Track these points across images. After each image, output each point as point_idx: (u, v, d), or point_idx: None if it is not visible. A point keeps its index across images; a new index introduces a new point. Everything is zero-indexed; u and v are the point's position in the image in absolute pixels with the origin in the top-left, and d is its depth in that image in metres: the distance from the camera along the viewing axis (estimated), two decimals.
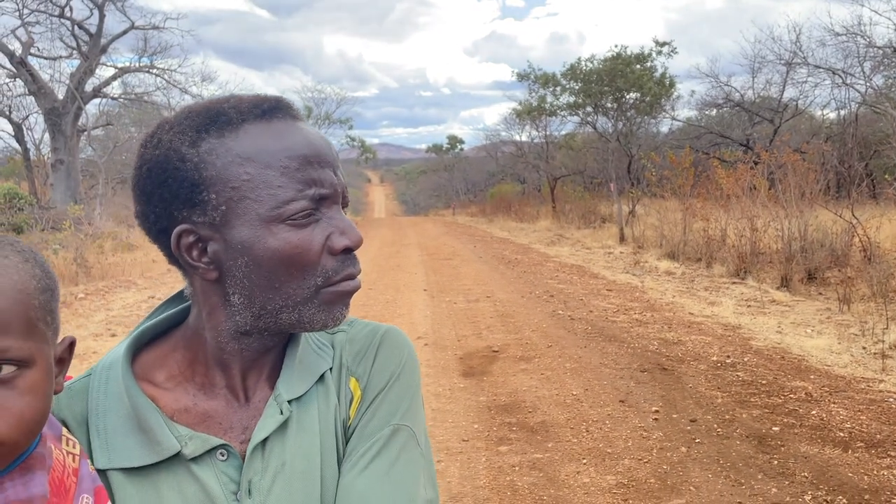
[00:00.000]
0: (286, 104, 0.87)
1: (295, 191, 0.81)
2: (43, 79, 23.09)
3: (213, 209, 0.81)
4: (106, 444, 0.82)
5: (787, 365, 6.06)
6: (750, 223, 11.48)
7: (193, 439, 0.83)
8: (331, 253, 0.83)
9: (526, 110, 30.26)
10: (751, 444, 4.35)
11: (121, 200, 23.13)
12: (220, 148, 0.81)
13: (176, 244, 0.83)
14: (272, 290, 0.82)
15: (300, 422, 0.87)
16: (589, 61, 26.00)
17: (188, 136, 0.82)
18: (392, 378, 0.93)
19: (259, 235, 0.81)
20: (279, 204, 0.80)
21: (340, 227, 0.84)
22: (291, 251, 0.81)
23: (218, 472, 0.83)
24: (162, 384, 0.87)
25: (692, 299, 9.37)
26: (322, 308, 0.85)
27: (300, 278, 0.82)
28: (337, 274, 0.84)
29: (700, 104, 27.62)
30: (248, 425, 0.87)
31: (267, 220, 0.80)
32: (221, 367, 0.88)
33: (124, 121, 30.88)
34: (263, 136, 0.82)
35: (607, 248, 15.97)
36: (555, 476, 4.02)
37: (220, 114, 0.83)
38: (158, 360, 0.90)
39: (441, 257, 15.47)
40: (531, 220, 25.67)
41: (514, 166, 40.46)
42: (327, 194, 0.83)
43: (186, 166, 0.81)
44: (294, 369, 0.90)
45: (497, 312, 8.74)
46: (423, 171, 66.47)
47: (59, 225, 15.98)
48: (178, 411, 0.86)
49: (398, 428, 0.89)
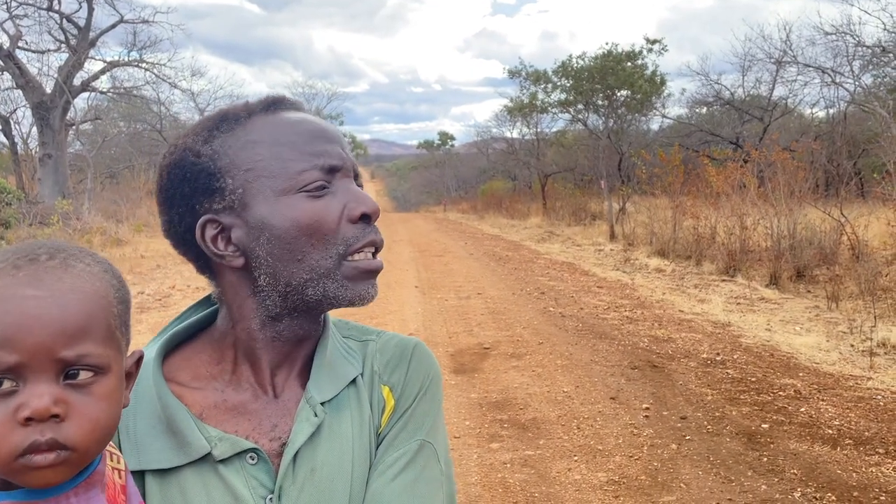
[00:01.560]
0: (290, 99, 0.92)
1: (305, 161, 0.84)
2: (31, 72, 22.87)
3: (231, 193, 0.84)
4: (136, 445, 0.82)
5: (776, 362, 6.10)
6: (739, 221, 11.54)
7: (223, 441, 0.82)
8: (350, 221, 0.85)
9: (517, 107, 30.29)
10: (740, 442, 4.38)
11: (109, 195, 22.99)
12: (232, 139, 0.86)
13: (201, 236, 0.85)
14: (295, 262, 0.84)
15: (331, 427, 0.87)
16: (580, 59, 26.08)
17: (201, 136, 0.87)
18: (421, 391, 0.94)
19: (276, 209, 0.83)
20: (292, 175, 0.83)
21: (356, 195, 0.86)
22: (309, 220, 0.83)
23: (247, 475, 0.82)
24: (188, 384, 0.88)
25: (682, 297, 9.40)
26: (345, 283, 0.85)
27: (321, 248, 0.84)
28: (358, 240, 0.85)
29: (690, 102, 27.74)
30: (277, 423, 0.87)
31: (282, 192, 0.83)
32: (250, 362, 0.89)
33: (113, 115, 30.68)
34: (270, 124, 0.87)
35: (598, 245, 16.01)
36: (546, 473, 4.03)
37: (229, 113, 0.88)
38: (185, 361, 0.91)
39: (432, 254, 15.47)
40: (522, 217, 25.70)
41: (505, 163, 40.46)
42: (338, 164, 0.86)
43: (202, 160, 0.86)
44: (323, 371, 0.90)
45: (488, 309, 8.74)
46: (414, 168, 66.41)
47: (47, 220, 15.86)
48: (207, 408, 0.86)
49: (423, 444, 0.90)
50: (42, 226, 15.56)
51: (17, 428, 0.62)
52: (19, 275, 0.66)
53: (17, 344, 0.63)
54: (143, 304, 9.39)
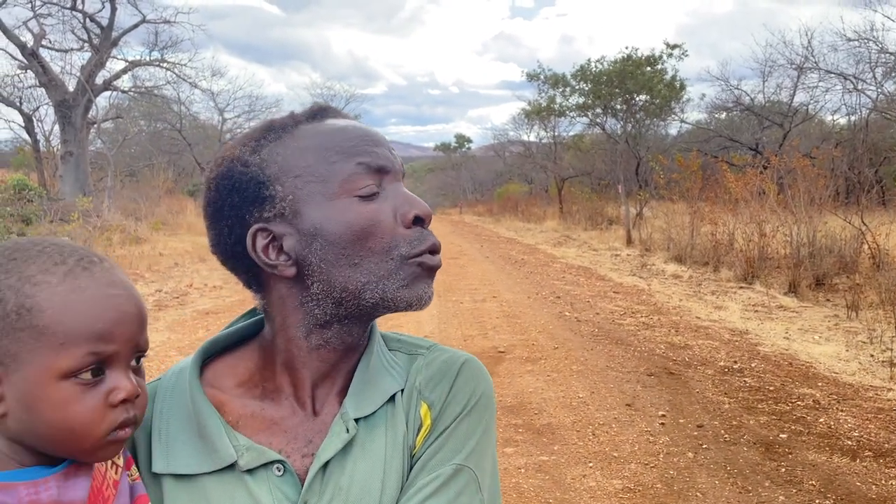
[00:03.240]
0: (333, 108, 0.92)
1: (355, 164, 0.83)
2: (54, 71, 23.15)
3: (281, 200, 0.83)
4: (166, 449, 0.83)
5: (794, 371, 6.03)
6: (758, 228, 11.44)
7: (250, 450, 0.81)
8: (404, 225, 0.84)
9: (535, 110, 30.23)
10: (758, 451, 4.34)
11: (129, 193, 23.18)
12: (279, 147, 0.85)
13: (252, 246, 0.84)
14: (351, 267, 0.82)
15: (364, 444, 0.84)
16: (599, 62, 25.95)
17: (249, 146, 0.87)
18: (464, 411, 0.88)
19: (328, 214, 0.82)
20: (342, 179, 0.82)
21: (408, 198, 0.85)
22: (364, 223, 0.82)
23: (272, 486, 0.81)
24: (230, 390, 0.88)
25: (699, 303, 9.34)
26: (405, 284, 0.84)
27: (379, 252, 0.83)
28: (420, 243, 0.84)
29: (710, 107, 27.54)
30: (312, 438, 0.85)
31: (333, 196, 0.82)
32: (291, 375, 0.87)
33: (134, 114, 30.97)
34: (316, 131, 0.86)
35: (614, 250, 15.94)
36: (561, 479, 4.01)
37: (275, 123, 0.88)
38: (229, 367, 0.90)
39: (448, 256, 15.47)
40: (538, 220, 25.65)
41: (521, 166, 40.41)
42: (387, 166, 0.85)
43: (250, 169, 0.85)
44: (364, 386, 0.87)
45: (503, 313, 8.73)
46: (430, 170, 66.43)
47: (68, 217, 16.02)
48: (244, 417, 0.86)
49: (460, 469, 0.83)
50: (62, 223, 15.73)
51: (109, 409, 0.71)
52: (95, 275, 0.73)
53: (116, 336, 0.71)
54: (161, 301, 9.46)
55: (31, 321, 0.68)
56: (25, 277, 0.70)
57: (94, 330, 0.70)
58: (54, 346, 0.68)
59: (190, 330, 7.73)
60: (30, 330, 0.68)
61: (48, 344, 0.68)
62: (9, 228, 11.52)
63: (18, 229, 13.03)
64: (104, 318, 0.71)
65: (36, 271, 0.70)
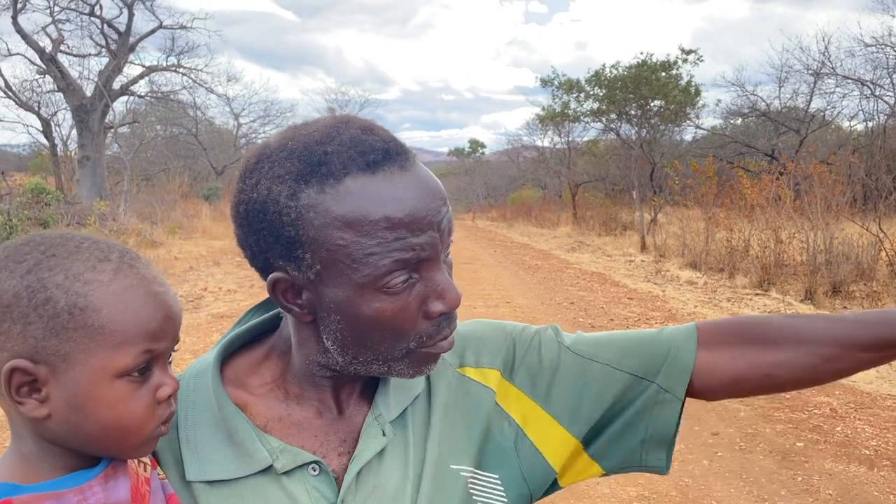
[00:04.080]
0: (395, 151, 0.79)
1: (391, 260, 0.75)
2: (72, 76, 23.40)
3: (308, 268, 0.77)
4: (197, 455, 0.82)
5: None
6: (774, 234, 11.35)
7: (285, 453, 0.82)
8: (426, 318, 0.80)
9: (549, 116, 30.20)
10: (774, 460, 4.29)
11: (145, 197, 23.38)
12: (320, 206, 0.75)
13: (271, 289, 0.80)
14: (364, 347, 0.80)
15: (394, 443, 0.86)
16: (613, 68, 25.91)
17: (287, 185, 0.76)
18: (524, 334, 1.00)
19: (353, 300, 0.77)
20: (374, 273, 0.76)
21: (438, 290, 0.79)
22: (386, 319, 0.78)
23: (309, 487, 0.81)
24: (255, 390, 0.87)
25: (714, 310, 9.27)
26: (413, 366, 0.83)
27: (393, 340, 0.80)
28: (432, 338, 0.81)
29: (725, 113, 27.44)
30: (345, 438, 0.86)
31: (361, 286, 0.76)
32: (312, 385, 0.87)
33: (150, 119, 31.25)
34: (363, 196, 0.75)
35: (628, 255, 15.88)
36: (574, 486, 3.97)
37: (321, 163, 0.76)
38: (252, 366, 0.89)
39: (461, 261, 15.46)
40: (552, 225, 25.60)
41: (535, 171, 40.39)
42: (427, 257, 0.78)
43: (283, 220, 0.76)
44: (390, 388, 0.88)
45: (516, 318, 8.70)
46: (444, 175, 66.50)
47: (85, 220, 16.18)
48: (272, 420, 0.85)
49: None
50: (80, 226, 15.88)
51: (156, 405, 0.73)
52: (140, 273, 0.73)
53: (166, 334, 0.73)
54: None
55: (85, 321, 0.67)
56: (73, 275, 0.68)
57: (149, 328, 0.70)
58: (111, 346, 0.68)
59: (205, 333, 7.77)
60: (84, 329, 0.67)
61: (104, 343, 0.68)
62: (27, 231, 11.63)
63: (36, 232, 13.16)
64: (156, 315, 0.71)
65: (83, 269, 0.69)
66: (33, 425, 0.69)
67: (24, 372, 0.67)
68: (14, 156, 42.09)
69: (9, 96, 23.30)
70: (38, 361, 0.67)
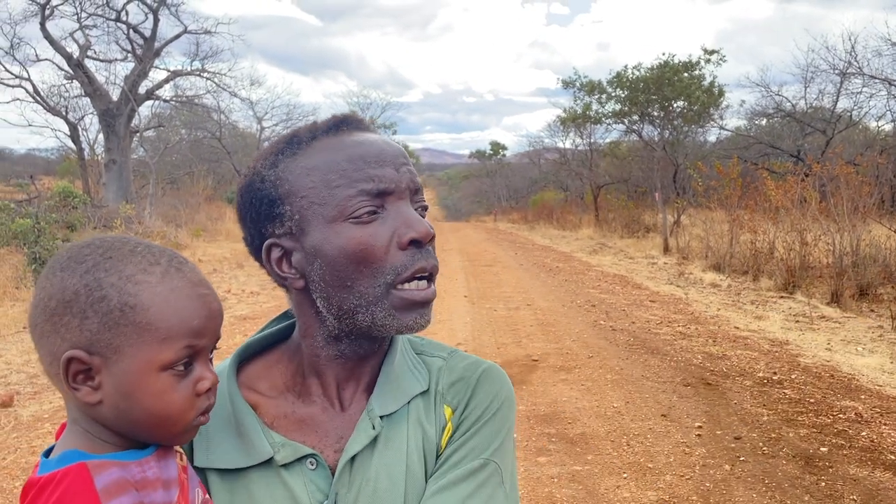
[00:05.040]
0: (354, 118, 0.92)
1: (353, 188, 0.84)
2: (98, 81, 23.76)
3: (289, 219, 0.87)
4: (206, 445, 0.89)
5: (836, 383, 5.89)
6: (799, 236, 11.21)
7: (285, 447, 0.87)
8: (399, 248, 0.85)
9: (570, 117, 30.07)
10: (797, 465, 4.24)
11: (170, 200, 23.64)
12: (292, 164, 0.88)
13: (266, 258, 0.90)
14: (345, 289, 0.85)
15: (389, 440, 0.90)
16: (636, 69, 25.74)
17: (269, 159, 0.91)
18: (487, 413, 0.93)
19: (327, 236, 0.85)
20: (340, 202, 0.84)
21: (407, 220, 0.85)
22: (356, 247, 0.84)
23: (306, 480, 0.87)
24: (265, 392, 0.94)
25: (738, 313, 9.18)
26: (393, 313, 0.86)
27: (370, 276, 0.84)
28: (406, 269, 0.85)
29: (750, 114, 27.09)
30: (343, 434, 0.91)
31: (331, 219, 0.85)
32: (318, 377, 0.93)
33: (175, 123, 31.58)
34: (327, 148, 0.88)
35: (651, 258, 15.76)
36: (594, 489, 3.97)
37: (294, 136, 0.90)
38: (263, 370, 0.96)
39: (482, 264, 15.45)
40: (573, 228, 25.48)
41: (556, 173, 40.18)
42: (388, 188, 0.85)
43: (265, 185, 0.89)
44: (388, 386, 0.92)
45: (537, 321, 8.69)
46: (465, 177, 66.41)
47: (111, 223, 16.41)
48: (278, 417, 0.91)
49: (486, 463, 0.89)
50: (106, 229, 16.11)
51: (196, 397, 0.78)
52: (186, 275, 0.80)
53: (207, 331, 0.79)
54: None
55: (135, 318, 0.75)
56: (126, 276, 0.76)
57: (192, 326, 0.77)
58: (157, 341, 0.75)
59: (228, 335, 7.84)
60: (133, 326, 0.75)
61: (151, 339, 0.75)
62: (55, 234, 11.83)
63: (64, 235, 13.36)
64: (199, 314, 0.78)
65: (135, 271, 0.77)
66: (87, 410, 0.77)
67: (80, 361, 0.75)
68: (42, 160, 42.85)
69: (37, 101, 23.71)
70: (92, 353, 0.75)
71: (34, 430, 4.95)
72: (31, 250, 10.91)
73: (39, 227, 11.27)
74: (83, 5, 23.03)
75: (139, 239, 0.82)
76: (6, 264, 11.94)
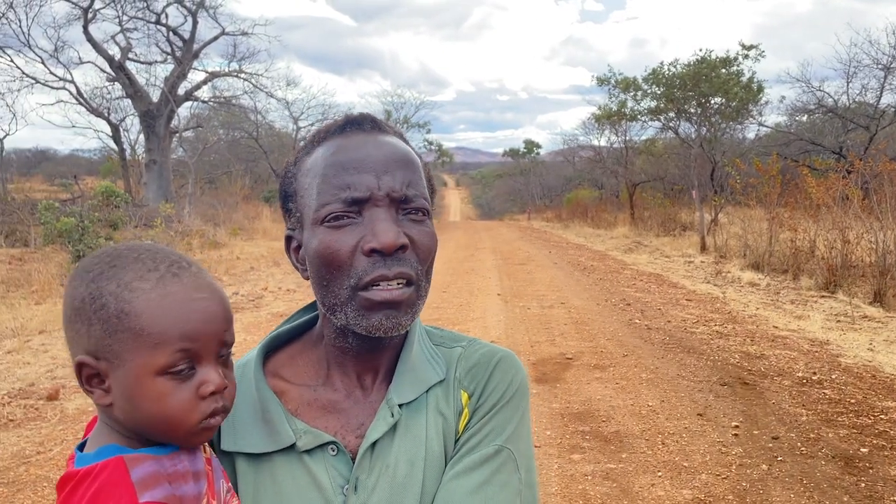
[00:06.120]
0: (365, 118, 0.95)
1: (329, 195, 0.88)
2: (139, 82, 24.26)
3: (293, 216, 0.95)
4: (233, 430, 0.93)
5: (878, 384, 5.77)
6: (841, 235, 10.97)
7: (307, 433, 0.91)
8: (364, 255, 0.87)
9: (605, 115, 29.81)
10: (837, 465, 4.17)
11: (208, 200, 24.03)
12: (303, 164, 0.94)
13: (286, 247, 0.97)
14: (323, 288, 0.90)
15: (408, 427, 0.93)
16: (672, 65, 25.42)
17: (296, 155, 0.98)
18: (503, 399, 0.96)
19: (308, 237, 0.91)
20: (317, 207, 0.89)
21: (373, 229, 0.87)
22: (324, 251, 0.88)
23: (328, 465, 0.90)
24: (290, 380, 0.98)
25: (777, 312, 9.03)
26: (360, 313, 0.88)
27: (338, 278, 0.88)
28: (367, 275, 0.86)
29: (790, 110, 26.55)
30: (363, 421, 0.94)
31: (312, 223, 0.90)
32: (339, 366, 0.96)
33: (213, 123, 32.11)
34: (326, 151, 0.92)
35: (687, 256, 15.57)
36: (628, 487, 3.96)
37: (315, 134, 0.96)
38: (288, 359, 1.00)
39: (515, 262, 15.42)
40: (608, 226, 25.27)
41: (591, 172, 39.90)
42: (360, 197, 0.87)
43: (286, 180, 0.96)
44: (406, 375, 0.95)
45: (571, 319, 8.65)
46: (499, 176, 66.31)
47: (151, 222, 16.74)
48: (301, 405, 0.95)
49: (500, 449, 0.92)
50: (146, 228, 16.45)
51: (199, 401, 0.79)
52: (183, 281, 0.81)
53: (202, 336, 0.79)
54: (238, 304, 9.78)
55: (129, 324, 0.77)
56: (123, 284, 0.79)
57: (183, 331, 0.78)
58: (150, 346, 0.77)
59: (265, 331, 7.96)
60: (129, 332, 0.77)
61: (145, 344, 0.77)
62: (97, 233, 12.13)
63: (106, 234, 13.69)
64: (191, 319, 0.79)
65: (132, 278, 0.79)
66: (104, 411, 0.80)
67: (89, 366, 0.79)
68: (85, 160, 43.92)
69: (81, 103, 24.30)
70: (99, 358, 0.78)
71: (79, 423, 5.09)
72: (75, 248, 11.21)
73: (83, 225, 11.56)
74: (124, 8, 23.56)
75: (150, 245, 0.85)
76: (52, 262, 12.29)
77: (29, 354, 6.96)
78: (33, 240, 14.84)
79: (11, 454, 4.51)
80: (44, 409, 5.37)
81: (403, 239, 0.87)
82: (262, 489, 0.90)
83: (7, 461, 4.40)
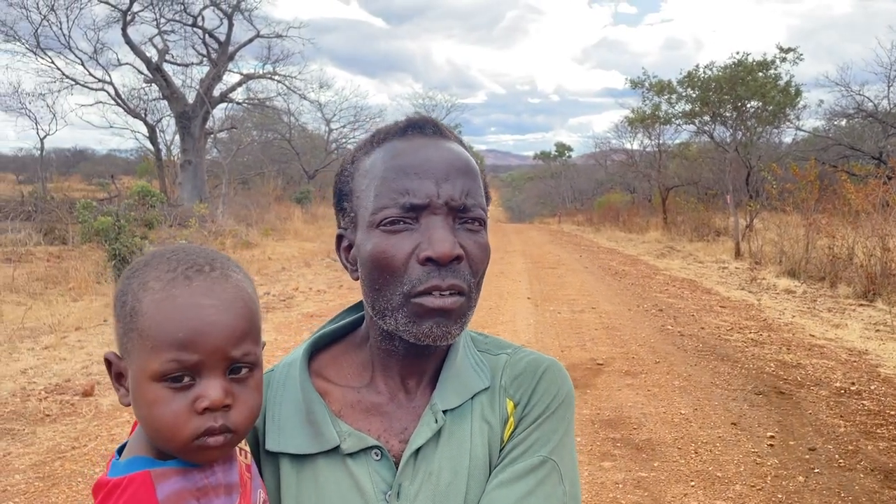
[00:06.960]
0: (427, 122, 0.94)
1: (387, 199, 0.86)
2: (175, 84, 24.65)
3: (348, 216, 0.93)
4: (278, 430, 0.92)
5: None
6: (881, 242, 10.71)
7: (352, 436, 0.90)
8: (419, 262, 0.86)
9: (638, 118, 29.51)
10: (876, 479, 4.06)
11: (241, 200, 24.31)
12: (360, 164, 0.93)
13: (337, 246, 0.97)
14: (374, 291, 0.89)
15: (452, 434, 0.91)
16: (708, 68, 25.07)
17: (354, 154, 0.97)
18: (549, 410, 0.94)
19: (363, 239, 0.89)
20: (374, 210, 0.87)
21: (431, 237, 0.85)
22: (379, 255, 0.86)
23: (371, 470, 0.89)
24: (334, 381, 0.97)
25: (814, 320, 8.84)
26: (411, 319, 0.87)
27: (391, 283, 0.87)
28: (420, 284, 0.85)
29: (828, 114, 26.03)
30: (406, 426, 0.93)
31: (367, 225, 0.88)
32: (383, 369, 0.95)
33: (247, 125, 32.51)
34: (385, 153, 0.91)
35: (721, 262, 15.34)
36: (660, 497, 3.89)
37: (374, 135, 0.95)
38: (334, 360, 0.99)
39: (545, 266, 15.33)
40: (640, 230, 25.02)
41: (623, 175, 39.52)
42: (419, 204, 0.86)
43: (342, 178, 0.95)
44: (450, 381, 0.94)
45: (602, 324, 8.57)
46: (529, 178, 65.99)
47: (186, 222, 16.98)
48: (345, 406, 0.94)
49: (545, 460, 0.90)
50: (181, 227, 16.68)
51: (194, 415, 0.74)
52: (193, 285, 0.76)
53: (199, 346, 0.74)
54: (269, 304, 9.86)
55: (136, 323, 0.75)
56: (141, 283, 0.77)
57: (176, 338, 0.73)
58: (147, 349, 0.74)
59: (295, 331, 8.02)
60: (136, 331, 0.75)
61: (144, 346, 0.74)
62: (133, 232, 12.33)
63: (142, 233, 13.91)
64: (186, 327, 0.73)
65: (150, 278, 0.77)
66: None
67: (114, 363, 0.78)
68: (122, 160, 44.75)
69: (118, 104, 24.77)
70: (122, 356, 0.77)
71: (113, 419, 5.17)
72: (112, 247, 11.39)
73: (119, 224, 11.75)
74: (162, 11, 23.95)
75: (192, 247, 0.82)
76: (88, 260, 12.52)
77: (65, 350, 7.09)
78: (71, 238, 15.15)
79: (47, 448, 4.60)
80: (79, 405, 5.47)
81: (459, 250, 0.86)
82: (305, 491, 0.89)
83: (43, 455, 4.48)
